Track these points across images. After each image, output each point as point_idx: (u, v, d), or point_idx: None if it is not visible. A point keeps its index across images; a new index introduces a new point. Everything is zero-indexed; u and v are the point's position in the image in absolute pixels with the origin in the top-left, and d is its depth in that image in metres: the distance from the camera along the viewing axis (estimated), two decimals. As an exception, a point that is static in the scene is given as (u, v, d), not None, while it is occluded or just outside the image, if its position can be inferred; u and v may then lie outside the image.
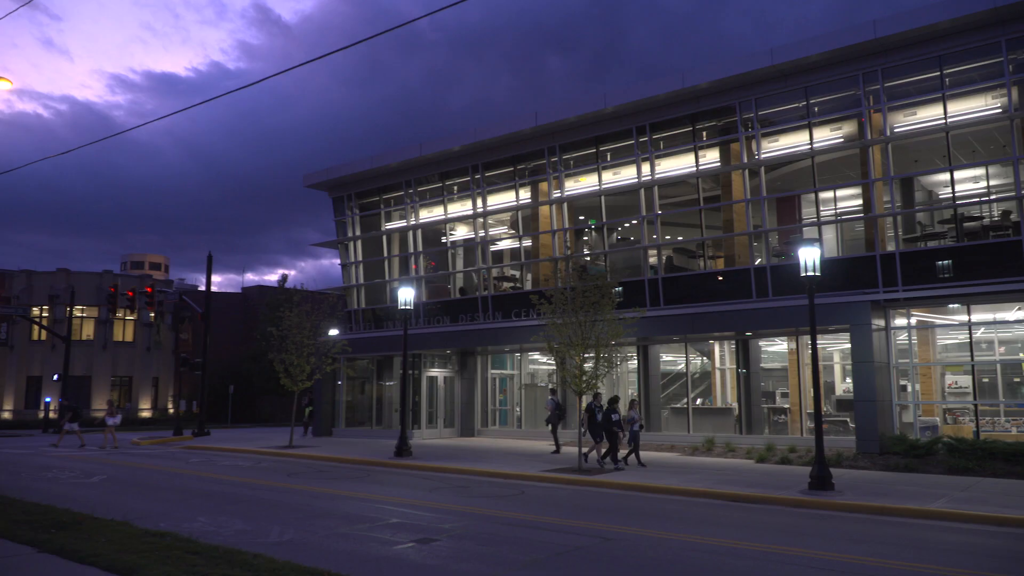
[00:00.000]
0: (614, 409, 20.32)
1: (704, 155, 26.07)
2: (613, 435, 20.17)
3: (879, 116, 22.51)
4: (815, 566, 9.63)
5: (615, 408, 20.40)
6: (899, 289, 21.50)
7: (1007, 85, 20.53)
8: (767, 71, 23.60)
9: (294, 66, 14.08)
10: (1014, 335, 23.45)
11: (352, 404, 35.02)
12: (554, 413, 25.14)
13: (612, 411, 20.26)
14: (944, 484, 16.47)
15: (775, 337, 25.74)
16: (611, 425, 20.15)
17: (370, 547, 10.63)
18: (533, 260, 30.19)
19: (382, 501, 15.15)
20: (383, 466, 22.13)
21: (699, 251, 27.88)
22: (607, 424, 20.18)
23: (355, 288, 35.31)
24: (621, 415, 20.70)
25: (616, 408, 20.44)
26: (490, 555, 10.21)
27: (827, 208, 25.29)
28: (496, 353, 31.99)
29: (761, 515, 13.73)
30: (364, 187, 34.99)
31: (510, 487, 17.38)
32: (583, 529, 12.07)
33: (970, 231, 22.03)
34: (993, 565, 9.72)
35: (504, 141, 29.92)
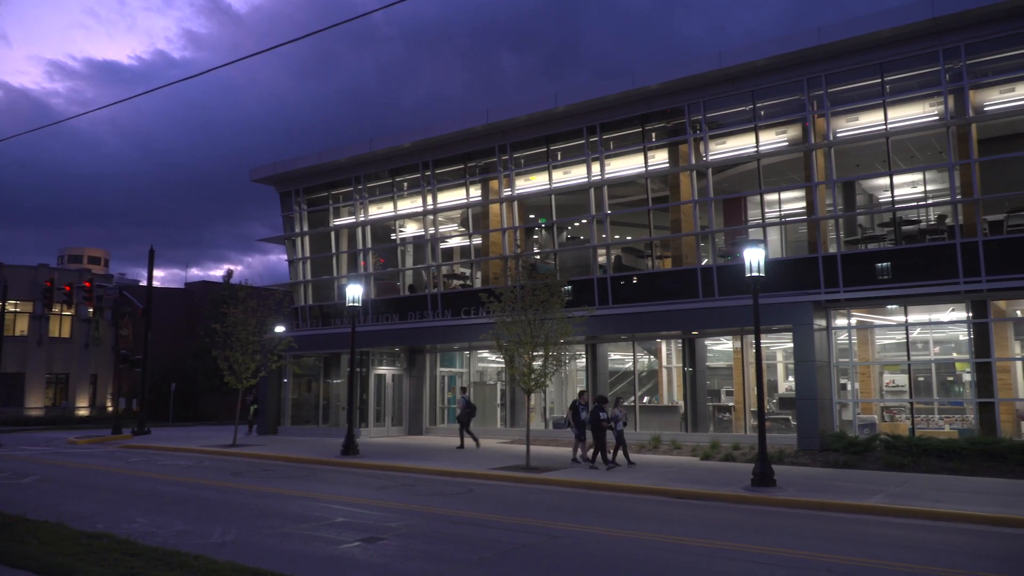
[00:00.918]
0: (602, 408, 19.89)
1: (653, 156, 26.35)
2: (601, 434, 19.68)
3: (823, 121, 23.02)
4: (758, 561, 9.80)
5: (603, 407, 19.96)
6: (840, 290, 22.01)
7: (944, 93, 21.17)
8: (715, 74, 23.95)
9: (243, 57, 13.83)
10: (948, 335, 24.21)
11: (298, 402, 34.57)
12: (464, 411, 25.80)
13: (600, 409, 19.80)
14: (881, 480, 16.92)
15: (721, 336, 26.16)
16: (600, 423, 19.66)
17: (315, 547, 10.50)
18: (483, 258, 30.17)
19: (328, 500, 14.98)
20: (329, 465, 21.88)
21: (647, 251, 28.19)
22: (595, 422, 19.70)
23: (302, 284, 34.86)
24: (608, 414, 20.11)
25: (604, 407, 20.01)
26: (437, 553, 10.17)
27: (772, 210, 25.79)
28: (445, 351, 31.89)
29: (706, 511, 13.93)
30: (312, 182, 34.56)
31: (458, 485, 17.34)
32: (531, 527, 12.09)
33: (908, 234, 22.67)
34: (928, 558, 10.01)
35: (455, 138, 29.84)
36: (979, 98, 21.38)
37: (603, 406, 20.00)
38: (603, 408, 19.94)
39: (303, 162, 33.93)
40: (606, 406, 20.17)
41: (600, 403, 20.10)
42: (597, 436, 19.80)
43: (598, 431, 19.75)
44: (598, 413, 19.75)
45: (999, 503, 13.79)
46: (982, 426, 20.41)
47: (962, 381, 23.59)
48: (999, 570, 9.45)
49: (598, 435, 19.78)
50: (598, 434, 19.77)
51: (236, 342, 26.79)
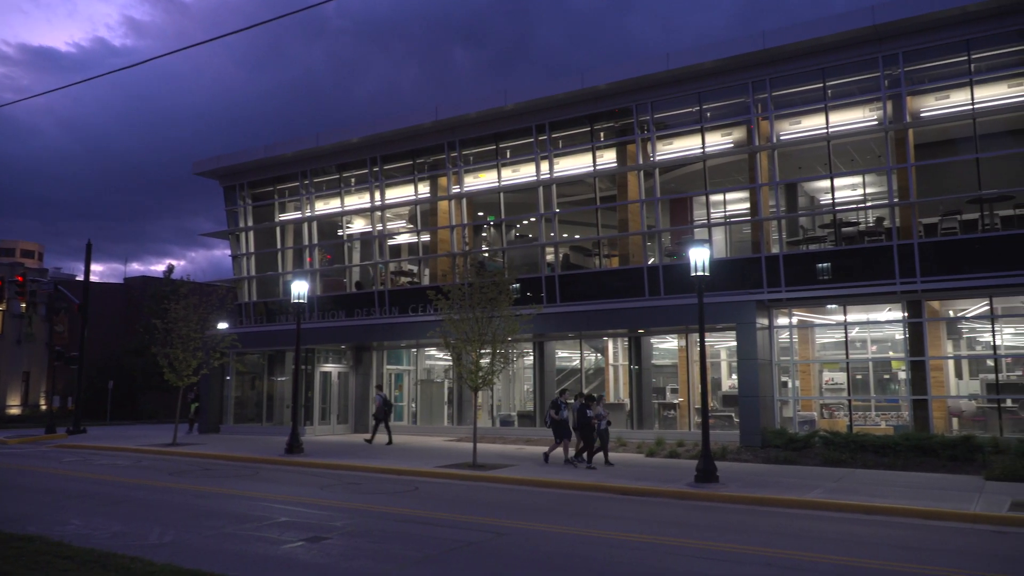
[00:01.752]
0: (588, 406, 19.17)
1: (601, 155, 26.53)
2: (588, 432, 19.13)
3: (767, 123, 23.45)
4: (699, 556, 9.95)
5: (589, 405, 19.20)
6: (782, 290, 22.46)
7: (883, 99, 21.75)
8: (663, 75, 24.21)
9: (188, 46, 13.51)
10: (884, 334, 24.89)
11: (241, 400, 33.97)
12: (381, 408, 26.12)
13: (586, 408, 19.12)
14: (820, 475, 17.32)
15: (666, 335, 26.48)
16: (586, 421, 19.05)
17: (257, 547, 10.33)
18: (431, 255, 30.03)
19: (271, 499, 14.75)
20: (273, 463, 21.56)
21: (595, 249, 28.39)
22: (582, 421, 19.10)
23: (246, 280, 34.26)
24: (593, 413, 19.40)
25: (591, 405, 19.24)
26: (382, 552, 10.09)
27: (717, 210, 26.20)
28: (392, 349, 31.67)
29: (650, 507, 14.09)
30: (257, 176, 33.97)
31: (404, 483, 17.23)
32: (476, 524, 12.08)
33: (847, 236, 23.25)
34: (861, 551, 10.28)
35: (403, 134, 29.62)
36: (916, 104, 22.03)
37: (590, 404, 19.26)
38: (589, 407, 19.19)
39: (248, 156, 33.35)
40: (593, 405, 19.35)
41: (587, 401, 19.39)
42: (585, 435, 19.20)
43: (586, 430, 19.14)
44: (585, 411, 19.08)
45: (930, 497, 14.23)
46: (916, 422, 21.03)
47: (898, 379, 24.30)
48: (923, 561, 9.75)
49: (586, 434, 19.17)
50: (586, 433, 19.16)
51: (177, 339, 26.20)
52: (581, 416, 19.15)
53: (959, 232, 21.26)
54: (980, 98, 20.72)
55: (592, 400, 19.51)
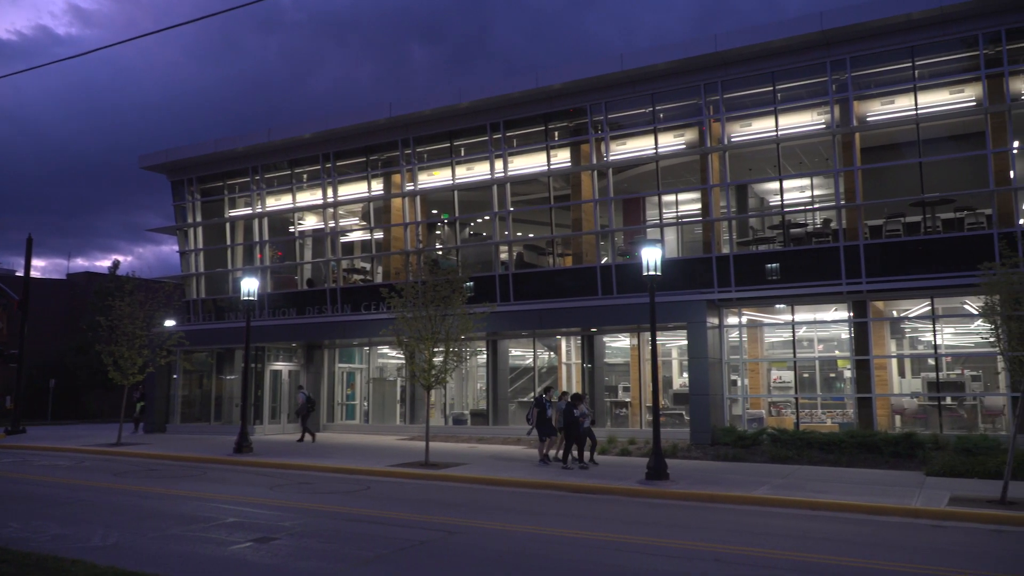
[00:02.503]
0: (575, 405, 18.77)
1: (556, 155, 26.62)
2: (573, 431, 18.72)
3: (718, 125, 23.77)
4: (649, 552, 10.04)
5: (575, 404, 18.81)
6: (732, 289, 22.80)
7: (830, 103, 22.21)
8: (617, 76, 24.38)
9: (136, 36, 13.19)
10: (831, 334, 25.43)
11: (189, 399, 33.34)
12: (304, 406, 26.52)
13: (572, 407, 18.73)
14: (767, 472, 17.62)
15: (619, 333, 26.68)
16: (573, 420, 18.65)
17: (204, 548, 10.13)
18: (384, 253, 29.82)
19: (219, 500, 14.50)
20: (221, 463, 21.19)
21: (549, 248, 28.48)
22: (569, 420, 18.70)
23: (194, 277, 33.62)
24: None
25: (576, 404, 18.82)
26: (332, 552, 9.98)
27: (669, 211, 26.48)
28: (344, 347, 31.37)
29: (601, 505, 14.18)
30: (207, 171, 33.35)
31: (355, 483, 17.08)
32: (428, 523, 12.03)
33: (795, 237, 23.69)
34: (805, 546, 10.48)
35: (357, 131, 29.35)
36: (862, 109, 22.53)
37: (576, 404, 18.86)
38: (576, 406, 18.79)
39: (197, 150, 32.72)
40: (580, 404, 18.95)
41: (574, 400, 19.00)
42: (570, 435, 18.83)
43: (572, 429, 18.76)
44: (571, 411, 18.72)
45: (873, 492, 14.57)
46: (860, 420, 21.52)
47: (843, 377, 24.84)
48: (866, 555, 9.97)
49: (571, 433, 18.79)
50: (571, 432, 18.79)
51: (122, 336, 25.60)
52: (568, 415, 18.80)
53: (903, 234, 21.81)
54: (923, 104, 21.29)
55: (578, 399, 19.19)
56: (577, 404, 18.86)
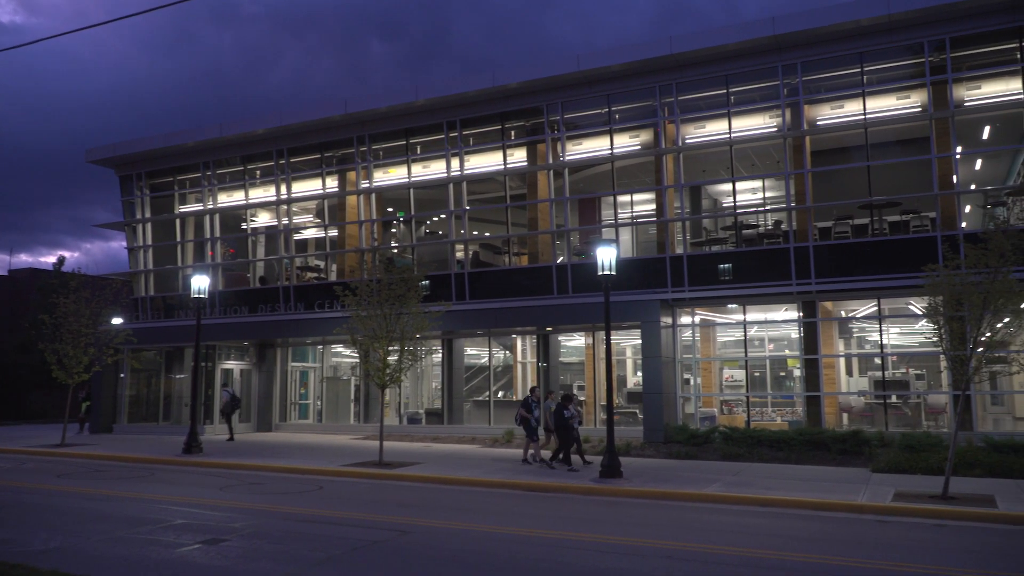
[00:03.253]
0: (565, 406, 18.34)
1: (512, 154, 26.65)
2: (566, 433, 18.27)
3: (673, 127, 24.01)
4: (602, 550, 10.11)
5: (566, 405, 18.37)
6: (685, 289, 23.06)
7: (782, 107, 22.59)
8: (573, 76, 24.49)
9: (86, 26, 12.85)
10: (781, 333, 25.89)
11: (137, 398, 32.63)
12: (228, 404, 26.62)
13: (563, 408, 18.32)
14: (719, 469, 17.86)
15: (574, 332, 26.83)
16: (565, 422, 18.24)
17: (151, 551, 9.93)
18: (339, 251, 29.54)
19: (167, 501, 14.22)
20: (170, 464, 20.80)
21: (505, 248, 28.51)
22: (560, 421, 18.30)
23: (143, 274, 32.91)
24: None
25: (567, 405, 18.38)
26: (283, 553, 9.86)
27: (624, 211, 26.69)
28: (297, 345, 31.01)
29: (556, 504, 14.24)
30: (156, 166, 32.67)
31: (308, 483, 16.90)
32: (382, 523, 11.95)
33: (748, 238, 24.06)
34: (754, 542, 10.65)
35: (312, 127, 29.02)
36: (813, 113, 22.96)
37: (567, 404, 18.44)
38: (566, 406, 18.39)
39: (146, 144, 32.03)
40: (571, 404, 18.51)
41: (565, 401, 18.54)
42: (562, 436, 18.38)
43: (563, 430, 18.33)
44: (562, 411, 18.33)
45: (821, 489, 14.86)
46: (809, 418, 21.94)
47: (793, 376, 25.31)
48: (812, 550, 10.18)
49: (563, 434, 18.35)
50: (563, 433, 18.34)
51: (67, 334, 24.97)
52: (558, 416, 18.43)
53: (851, 236, 22.29)
54: (871, 109, 21.78)
55: (568, 399, 18.68)
56: (567, 404, 18.50)
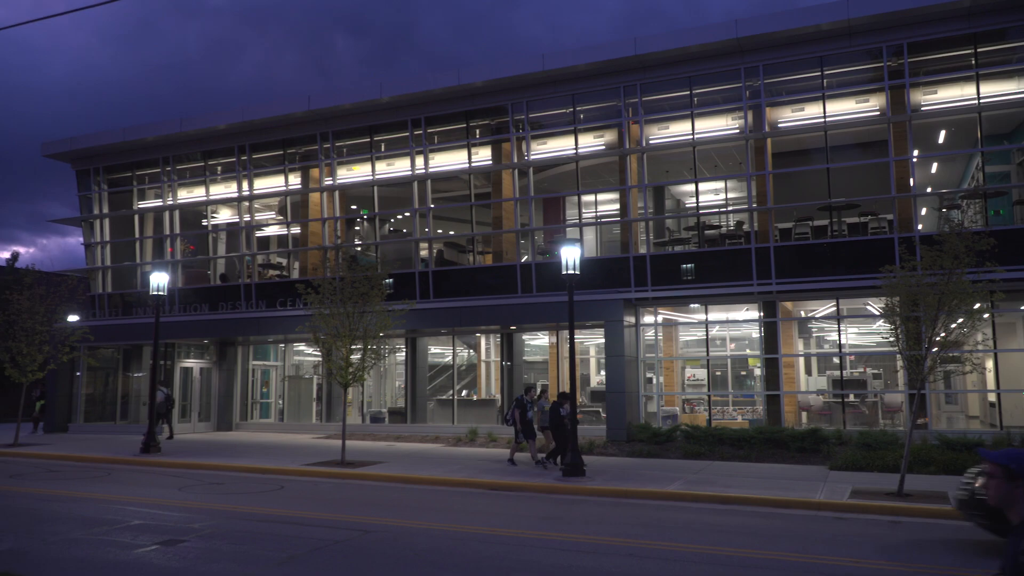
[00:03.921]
0: (561, 404, 18.01)
1: (477, 152, 26.61)
2: (562, 432, 17.77)
3: (637, 127, 24.16)
4: (565, 548, 10.14)
5: (562, 404, 18.01)
6: (648, 289, 23.22)
7: (744, 109, 22.85)
8: (538, 76, 24.52)
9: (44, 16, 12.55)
10: (742, 333, 26.20)
11: (93, 397, 32.00)
12: (163, 404, 26.38)
13: (559, 406, 17.99)
14: (681, 468, 18.02)
15: (538, 331, 26.87)
16: (561, 421, 17.84)
17: (107, 552, 9.75)
18: (301, 248, 29.25)
19: (124, 502, 13.97)
20: (127, 464, 20.44)
21: (469, 246, 28.46)
22: (556, 420, 17.95)
23: (100, 271, 32.28)
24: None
25: (563, 403, 18.01)
26: (243, 554, 9.74)
27: (588, 211, 26.81)
28: (259, 343, 30.67)
29: (518, 502, 14.25)
30: (114, 161, 32.05)
31: (269, 482, 16.72)
32: (343, 523, 11.87)
33: (710, 238, 24.31)
34: (714, 539, 10.77)
35: (275, 123, 28.69)
36: (774, 115, 23.27)
37: (564, 403, 18.05)
38: (562, 405, 18.03)
39: (104, 138, 31.41)
40: (567, 404, 18.03)
41: (561, 399, 18.19)
42: (559, 435, 17.93)
43: (560, 430, 17.87)
44: (559, 410, 18.00)
45: (780, 487, 15.07)
46: (769, 417, 22.23)
47: (753, 375, 25.63)
48: (771, 547, 10.32)
49: (559, 434, 17.88)
50: (559, 433, 17.89)
51: (20, 332, 24.40)
52: (554, 415, 18.12)
53: (811, 237, 22.62)
54: (831, 112, 22.12)
55: (564, 397, 18.30)
56: (563, 403, 18.16)
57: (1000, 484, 3.31)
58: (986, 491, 3.37)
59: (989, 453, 3.38)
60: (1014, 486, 3.28)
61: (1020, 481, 3.26)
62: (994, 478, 3.33)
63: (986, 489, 3.38)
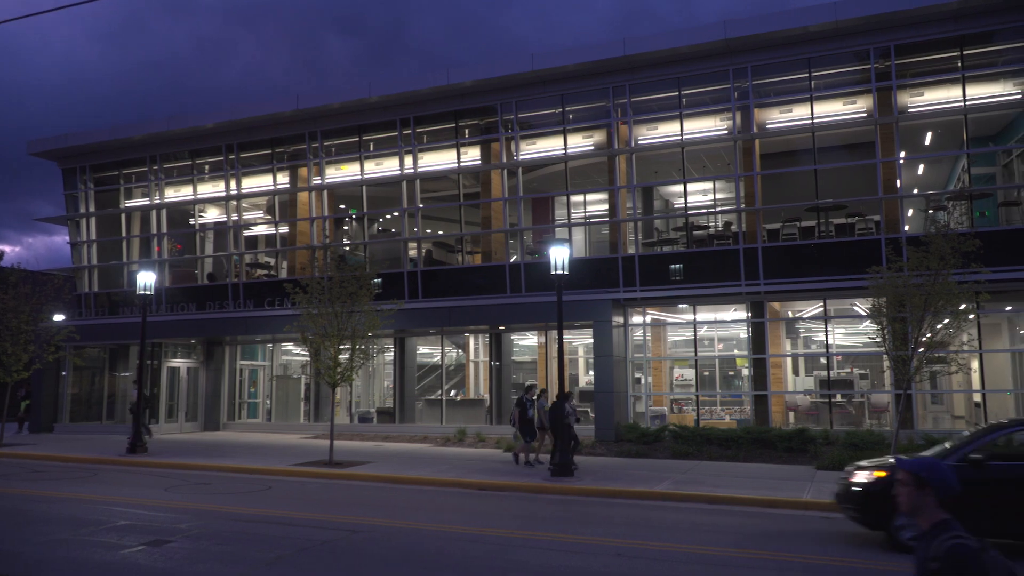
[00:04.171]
0: (563, 404, 17.56)
1: (466, 152, 26.59)
2: (564, 431, 17.28)
3: (626, 128, 24.20)
4: (553, 548, 10.15)
5: (563, 404, 17.56)
6: (637, 289, 23.26)
7: (732, 110, 22.92)
8: (528, 76, 24.52)
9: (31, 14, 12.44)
10: (730, 333, 26.29)
11: (79, 397, 31.79)
12: (137, 403, 26.05)
13: (560, 406, 17.50)
14: (669, 467, 18.06)
15: (526, 331, 26.88)
16: (563, 419, 17.33)
17: (94, 553, 9.69)
18: (290, 248, 29.14)
19: (111, 502, 13.88)
20: (114, 464, 20.31)
21: (458, 246, 28.43)
22: (557, 419, 17.45)
23: (86, 270, 32.06)
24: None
25: (566, 403, 17.61)
26: (230, 554, 9.70)
27: (577, 211, 26.82)
28: (247, 343, 30.54)
29: (507, 502, 14.25)
30: (101, 159, 31.84)
31: (256, 482, 16.65)
32: (331, 523, 11.83)
33: (698, 239, 24.37)
34: (702, 539, 10.80)
35: (263, 122, 28.57)
36: (762, 116, 23.35)
37: (566, 403, 17.66)
38: (563, 404, 17.56)
39: (91, 137, 31.20)
40: (568, 402, 17.74)
41: (564, 398, 17.71)
42: (562, 435, 17.30)
43: (563, 429, 17.33)
44: (560, 409, 17.53)
45: (767, 487, 15.13)
46: (756, 417, 22.31)
47: (741, 375, 25.72)
48: (760, 546, 10.36)
49: (563, 433, 17.30)
50: (562, 432, 17.30)
51: (5, 331, 24.20)
52: (555, 414, 17.64)
53: (798, 238, 22.72)
54: (819, 113, 22.23)
55: (568, 397, 17.97)
56: (565, 402, 17.75)
57: (911, 492, 3.44)
58: (898, 498, 3.50)
59: (903, 462, 3.52)
60: (923, 494, 3.41)
61: (929, 489, 3.40)
62: (906, 486, 3.46)
63: (898, 496, 3.50)
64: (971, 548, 3.25)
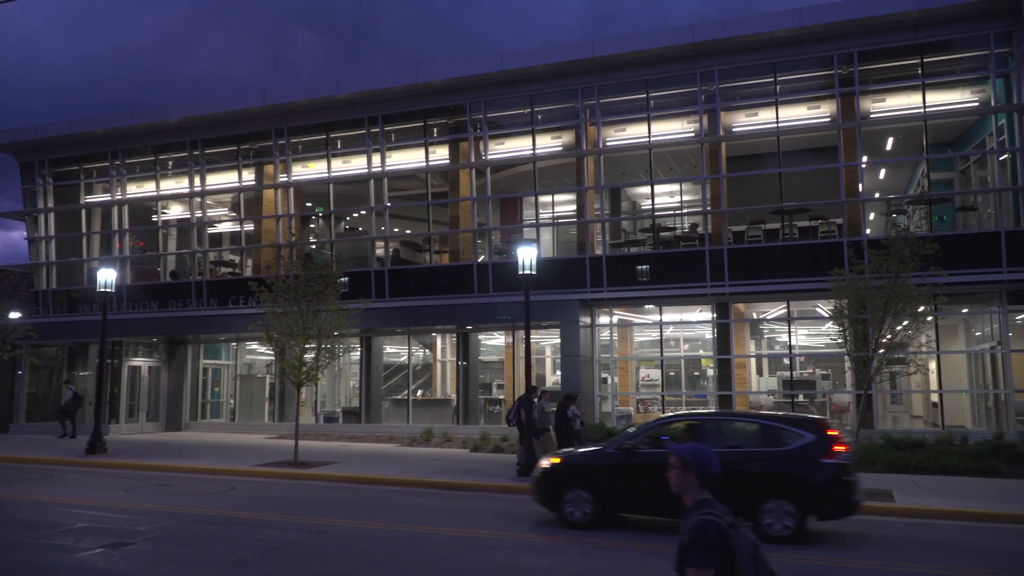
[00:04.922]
0: (567, 406, 17.34)
1: (434, 151, 26.51)
2: (568, 434, 17.02)
3: (594, 129, 24.30)
4: (520, 548, 10.17)
5: (568, 405, 17.36)
6: (604, 290, 23.37)
7: (699, 113, 23.13)
8: (497, 76, 24.51)
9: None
10: (696, 334, 26.52)
11: (37, 397, 31.13)
12: (70, 402, 26.68)
13: (565, 408, 17.30)
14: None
15: (494, 331, 26.86)
16: (567, 422, 17.14)
17: (49, 556, 9.49)
18: (255, 245, 28.80)
19: (68, 504, 13.61)
20: (72, 465, 19.92)
21: (426, 245, 28.34)
22: (561, 422, 17.20)
23: (44, 266, 31.42)
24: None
25: (569, 404, 17.38)
26: (192, 556, 9.56)
27: (546, 211, 26.88)
28: (210, 342, 30.14)
29: (473, 501, 14.23)
30: (61, 153, 31.20)
31: (219, 483, 16.44)
32: (296, 524, 11.72)
33: (665, 240, 24.56)
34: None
35: (228, 118, 28.21)
36: (729, 119, 23.59)
37: (569, 404, 17.48)
38: (568, 406, 17.42)
39: (50, 130, 30.56)
40: (573, 405, 17.56)
41: (568, 400, 17.54)
42: (563, 437, 17.11)
43: (567, 432, 17.11)
44: (565, 411, 17.33)
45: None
46: (721, 416, 22.48)
47: (706, 375, 25.95)
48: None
49: (566, 436, 17.08)
50: (566, 435, 17.08)
51: (-41, 329, 23.62)
52: (561, 417, 17.38)
53: (763, 240, 23.00)
54: (784, 117, 22.52)
55: (570, 398, 17.77)
56: (569, 404, 17.58)
57: (679, 473, 3.75)
58: (669, 479, 3.80)
59: (674, 447, 3.81)
60: (688, 475, 3.72)
61: (692, 471, 3.70)
62: (675, 468, 3.77)
63: (669, 477, 3.80)
64: (716, 524, 3.51)
